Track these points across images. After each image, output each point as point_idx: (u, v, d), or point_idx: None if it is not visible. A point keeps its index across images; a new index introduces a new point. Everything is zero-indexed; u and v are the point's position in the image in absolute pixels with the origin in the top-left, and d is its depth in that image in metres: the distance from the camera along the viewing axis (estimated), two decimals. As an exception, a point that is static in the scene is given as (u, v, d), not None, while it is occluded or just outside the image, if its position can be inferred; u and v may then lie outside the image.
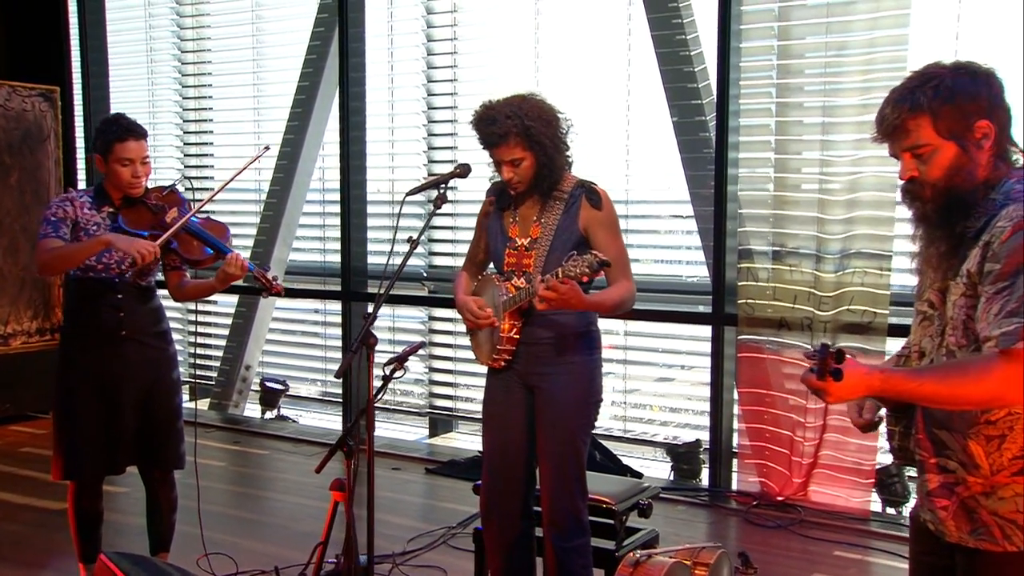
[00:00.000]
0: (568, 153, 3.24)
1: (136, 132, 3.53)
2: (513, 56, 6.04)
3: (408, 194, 3.27)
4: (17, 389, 6.73)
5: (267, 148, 3.87)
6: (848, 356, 1.81)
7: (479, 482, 3.49)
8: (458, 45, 6.26)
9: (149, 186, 3.61)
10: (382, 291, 3.05)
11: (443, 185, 3.18)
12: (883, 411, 2.19)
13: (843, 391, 1.82)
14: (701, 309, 5.55)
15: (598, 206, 3.20)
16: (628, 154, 5.75)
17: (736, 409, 5.28)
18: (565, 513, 3.27)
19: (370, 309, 3.10)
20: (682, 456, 5.50)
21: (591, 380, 3.29)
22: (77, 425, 3.58)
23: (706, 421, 5.42)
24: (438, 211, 3.19)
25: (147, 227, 3.54)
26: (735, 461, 5.28)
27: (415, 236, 3.09)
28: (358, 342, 3.03)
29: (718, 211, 5.21)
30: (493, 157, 3.21)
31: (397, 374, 3.21)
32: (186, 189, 3.80)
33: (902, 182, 2.02)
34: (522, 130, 3.10)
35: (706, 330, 5.37)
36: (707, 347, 5.37)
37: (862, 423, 2.23)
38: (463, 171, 3.26)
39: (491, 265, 3.51)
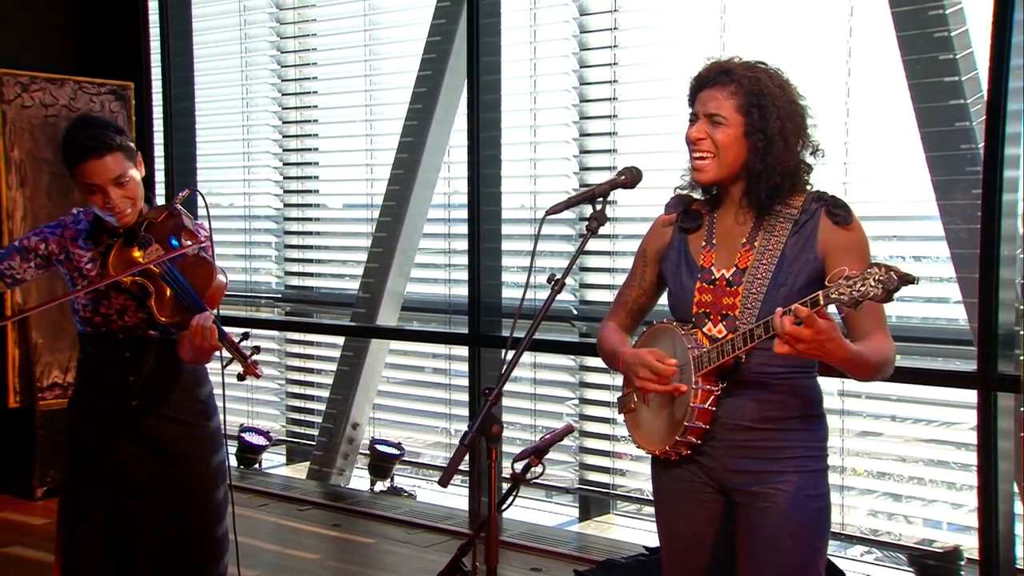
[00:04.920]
0: (804, 158, 2.51)
1: (95, 148, 2.78)
2: (689, 32, 5.05)
3: (550, 212, 2.55)
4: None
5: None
6: None
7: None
8: (619, 18, 5.26)
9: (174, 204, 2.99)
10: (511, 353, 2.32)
11: (600, 199, 2.51)
12: None
13: None
14: (959, 366, 4.41)
15: (845, 223, 2.42)
16: (847, 154, 4.66)
17: (1019, 507, 4.13)
18: None
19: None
20: (934, 570, 4.41)
21: (823, 487, 2.49)
22: (76, 534, 2.94)
23: (971, 521, 4.30)
24: (594, 234, 2.52)
25: (130, 270, 2.86)
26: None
27: (558, 275, 2.43)
28: (474, 431, 2.26)
29: (988, 230, 4.05)
30: (693, 111, 2.50)
31: (533, 472, 2.65)
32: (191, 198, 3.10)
33: None
34: (749, 83, 2.42)
35: (969, 395, 4.24)
36: (970, 418, 4.28)
37: None
38: (629, 178, 2.56)
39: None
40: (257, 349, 2.77)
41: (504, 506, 2.40)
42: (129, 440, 2.94)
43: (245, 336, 2.79)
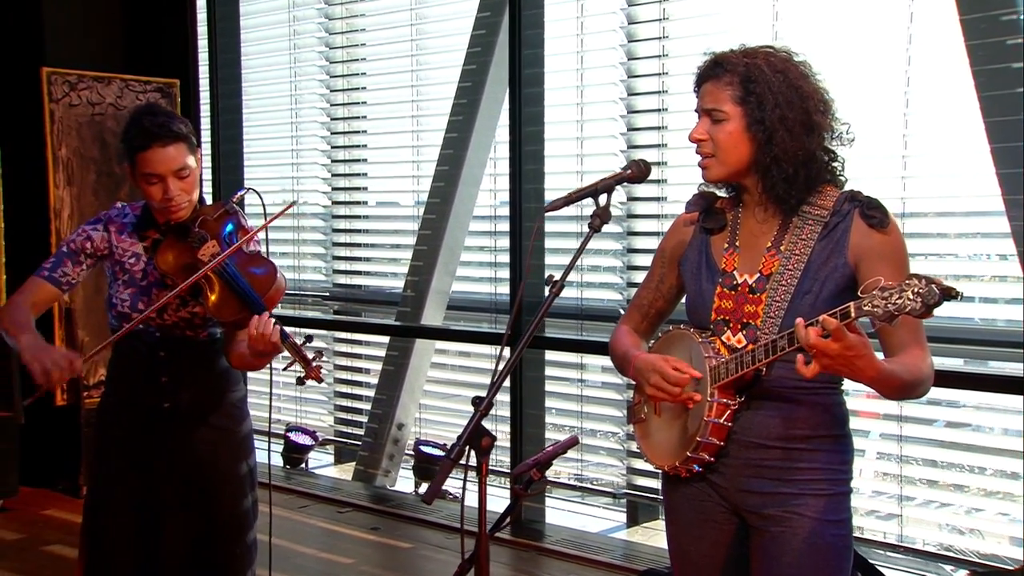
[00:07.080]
0: (823, 146, 2.24)
1: (162, 135, 2.65)
2: (741, 22, 4.77)
3: (548, 208, 2.35)
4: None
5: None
6: None
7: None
8: (668, 8, 5.00)
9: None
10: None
11: (605, 194, 2.27)
12: None
13: None
14: (1012, 370, 4.12)
15: (880, 226, 2.17)
16: (906, 148, 4.37)
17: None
18: None
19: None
20: (996, 588, 4.04)
21: (846, 512, 2.25)
22: (101, 536, 2.89)
23: (1033, 537, 3.98)
24: (597, 232, 2.29)
25: (179, 270, 2.71)
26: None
27: (557, 276, 2.23)
28: (462, 442, 2.05)
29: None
30: (695, 108, 2.30)
31: (533, 487, 2.31)
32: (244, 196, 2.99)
33: None
34: (745, 70, 2.20)
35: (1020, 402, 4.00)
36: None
37: None
38: (636, 172, 2.34)
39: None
40: (320, 353, 2.67)
41: (498, 529, 2.18)
42: (159, 443, 2.84)
43: (308, 339, 2.67)
